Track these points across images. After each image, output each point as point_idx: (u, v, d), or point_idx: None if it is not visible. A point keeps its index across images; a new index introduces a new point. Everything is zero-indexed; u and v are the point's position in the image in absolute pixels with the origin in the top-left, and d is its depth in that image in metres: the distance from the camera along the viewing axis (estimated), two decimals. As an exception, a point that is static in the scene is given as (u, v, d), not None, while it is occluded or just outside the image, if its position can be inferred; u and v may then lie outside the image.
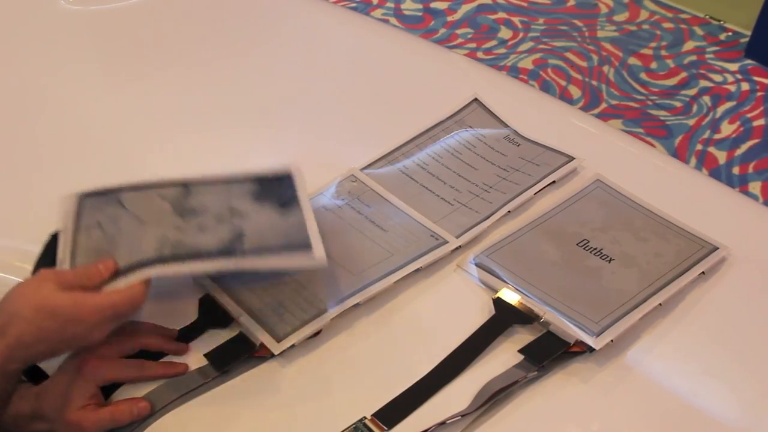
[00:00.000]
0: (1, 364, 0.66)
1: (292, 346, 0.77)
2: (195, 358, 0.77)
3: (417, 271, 0.84)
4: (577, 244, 0.87)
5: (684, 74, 2.26)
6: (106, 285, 0.71)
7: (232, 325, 0.79)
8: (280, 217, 0.79)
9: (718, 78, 2.24)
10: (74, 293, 0.68)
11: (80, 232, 0.77)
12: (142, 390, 0.74)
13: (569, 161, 0.97)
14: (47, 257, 0.76)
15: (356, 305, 0.81)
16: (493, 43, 2.37)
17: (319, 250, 0.75)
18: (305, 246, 0.75)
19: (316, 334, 0.78)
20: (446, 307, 0.83)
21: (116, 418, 0.71)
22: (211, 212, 0.79)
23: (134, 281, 0.71)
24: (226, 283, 0.82)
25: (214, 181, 0.83)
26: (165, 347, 0.77)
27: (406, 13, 2.49)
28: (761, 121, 2.09)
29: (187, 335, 0.79)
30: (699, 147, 2.02)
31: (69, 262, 0.74)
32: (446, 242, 0.87)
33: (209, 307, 0.81)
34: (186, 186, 0.82)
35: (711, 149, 2.02)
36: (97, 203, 0.80)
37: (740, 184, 1.93)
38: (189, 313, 0.81)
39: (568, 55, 2.32)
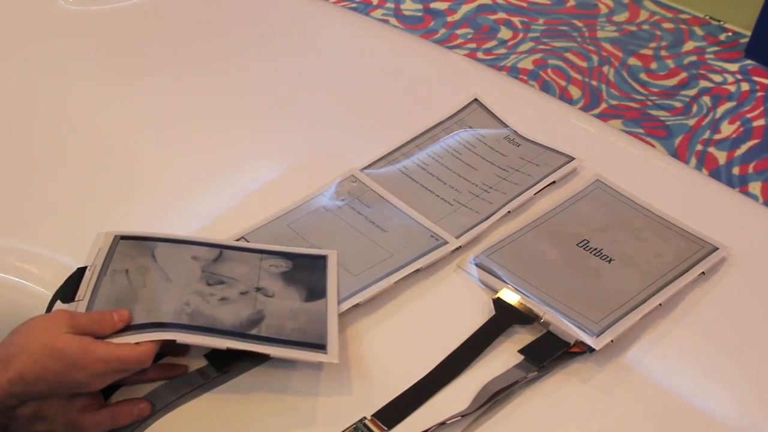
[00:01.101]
0: (0, 398, 0.65)
1: None
2: (195, 358, 0.77)
3: (417, 271, 0.84)
4: (577, 245, 0.87)
5: (684, 74, 2.26)
6: (117, 336, 0.70)
7: None
8: (303, 303, 0.79)
9: (718, 78, 2.24)
10: (84, 339, 0.67)
11: (106, 275, 0.77)
12: (143, 390, 0.74)
13: (569, 161, 0.97)
14: (68, 289, 0.76)
15: (356, 305, 0.81)
16: (493, 43, 2.37)
17: (333, 350, 0.74)
18: (320, 346, 0.74)
19: None
20: (446, 307, 0.83)
21: (116, 419, 0.71)
22: (237, 285, 0.79)
23: (144, 339, 0.70)
24: None
25: (249, 249, 0.84)
26: (164, 348, 0.77)
27: (406, 13, 2.49)
28: (761, 122, 2.09)
29: None
30: (699, 147, 2.02)
31: (88, 301, 0.74)
32: (446, 242, 0.87)
33: None
34: (220, 250, 0.83)
35: (711, 149, 2.02)
36: (130, 249, 0.81)
37: (740, 184, 1.93)
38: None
39: (568, 55, 2.32)
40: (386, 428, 0.71)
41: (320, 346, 0.74)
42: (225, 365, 0.76)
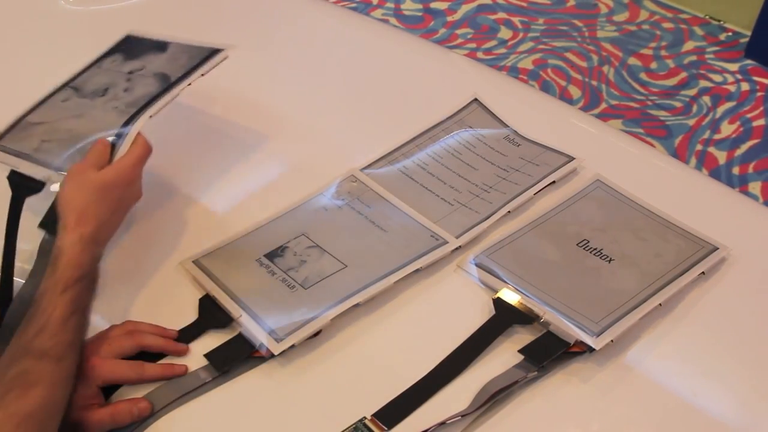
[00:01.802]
0: (92, 247, 0.75)
1: (293, 346, 0.77)
2: (195, 358, 0.77)
3: (417, 271, 0.85)
4: (577, 244, 0.87)
5: (684, 74, 2.25)
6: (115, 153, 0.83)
7: (231, 325, 0.79)
8: (169, 56, 0.90)
9: (718, 78, 2.24)
10: (109, 167, 0.81)
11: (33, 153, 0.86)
12: (143, 390, 0.74)
13: (569, 161, 0.97)
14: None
15: (356, 305, 0.81)
16: (493, 43, 2.37)
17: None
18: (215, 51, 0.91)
19: (316, 334, 0.78)
20: (446, 307, 0.83)
21: (116, 419, 0.71)
22: (117, 83, 0.92)
23: (132, 135, 0.83)
24: (226, 283, 0.82)
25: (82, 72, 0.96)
26: (165, 348, 0.77)
27: (406, 13, 2.49)
28: (761, 121, 2.09)
29: (187, 335, 0.79)
30: (699, 147, 2.02)
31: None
32: (446, 242, 0.87)
33: (209, 307, 0.81)
34: (69, 85, 0.96)
35: (711, 149, 2.02)
36: (18, 134, 0.90)
37: (740, 184, 1.93)
38: (189, 313, 0.81)
39: (568, 55, 2.32)
40: (386, 428, 0.71)
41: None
42: (225, 365, 0.76)
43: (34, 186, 0.85)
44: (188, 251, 0.87)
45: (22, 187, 0.85)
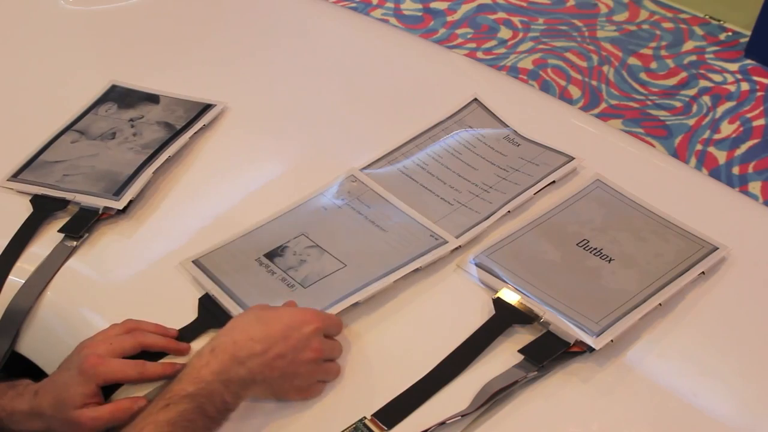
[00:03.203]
0: (226, 363, 0.69)
1: None
2: (195, 358, 0.77)
3: (417, 270, 0.85)
4: (577, 244, 0.87)
5: (684, 74, 2.25)
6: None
7: None
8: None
9: (718, 78, 2.24)
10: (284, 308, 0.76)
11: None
12: (143, 390, 0.74)
13: (569, 161, 0.97)
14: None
15: (356, 304, 0.81)
16: (493, 43, 2.37)
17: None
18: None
19: None
20: (446, 307, 0.83)
21: (116, 416, 0.71)
22: (123, 129, 1.01)
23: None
24: (226, 283, 0.82)
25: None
26: (167, 347, 0.77)
27: (406, 13, 2.49)
28: (761, 121, 2.09)
29: (188, 335, 0.79)
30: (699, 147, 2.02)
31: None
32: (446, 242, 0.87)
33: (209, 307, 0.81)
34: (73, 129, 1.03)
35: (711, 149, 2.02)
36: (37, 171, 0.95)
37: (740, 184, 1.93)
38: (189, 313, 0.81)
39: (568, 55, 2.32)
40: (386, 428, 0.71)
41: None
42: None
43: (59, 205, 0.92)
44: (188, 251, 0.87)
45: (47, 207, 0.92)
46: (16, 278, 0.86)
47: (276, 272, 0.84)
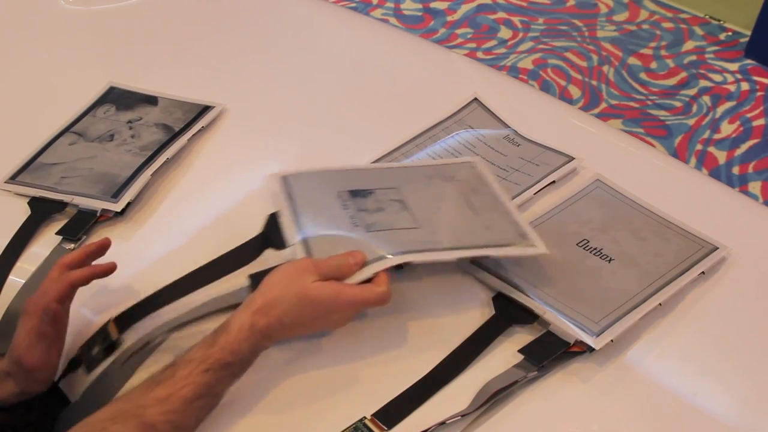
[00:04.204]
0: (259, 340, 0.71)
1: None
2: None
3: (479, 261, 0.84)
4: (577, 244, 0.87)
5: (684, 74, 2.25)
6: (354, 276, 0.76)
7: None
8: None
9: (717, 78, 2.24)
10: (333, 285, 0.74)
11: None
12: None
13: (569, 161, 0.97)
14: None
15: (405, 264, 0.80)
16: (493, 43, 2.37)
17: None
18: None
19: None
20: (446, 307, 0.83)
21: (40, 331, 0.73)
22: (121, 131, 0.97)
23: (376, 270, 0.76)
24: (297, 204, 0.84)
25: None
26: (90, 275, 0.78)
27: (406, 13, 2.49)
28: (761, 121, 2.09)
29: (249, 251, 0.84)
30: (699, 147, 2.02)
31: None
32: (534, 246, 0.83)
33: (273, 225, 0.84)
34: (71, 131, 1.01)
35: (711, 149, 2.02)
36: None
37: (740, 184, 1.93)
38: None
39: (568, 55, 2.32)
40: (386, 428, 0.71)
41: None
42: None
43: (57, 207, 0.92)
44: (187, 253, 0.88)
45: (45, 209, 0.92)
46: (16, 278, 0.86)
47: (348, 209, 0.84)
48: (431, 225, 0.83)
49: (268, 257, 0.83)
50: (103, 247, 0.81)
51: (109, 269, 0.79)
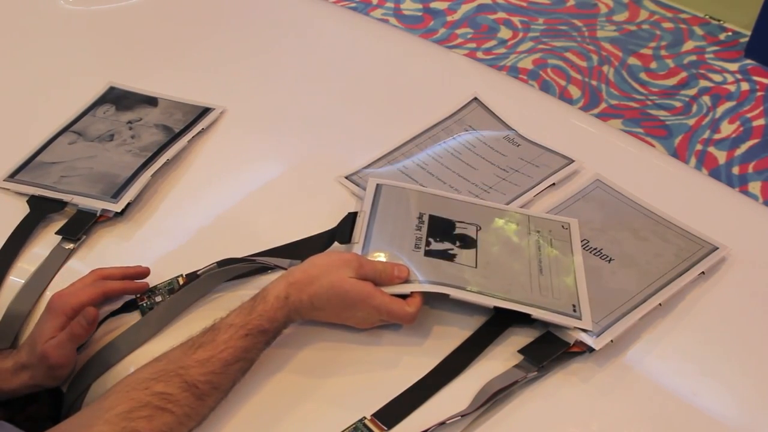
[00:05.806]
0: (291, 312, 0.75)
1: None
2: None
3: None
4: (577, 244, 0.87)
5: (684, 74, 2.25)
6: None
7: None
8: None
9: (717, 78, 2.24)
10: (367, 286, 0.76)
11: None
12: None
13: (569, 164, 0.97)
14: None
15: (446, 295, 0.79)
16: (493, 43, 2.37)
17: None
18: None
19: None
20: (446, 308, 0.83)
21: (74, 333, 0.74)
22: (121, 131, 1.00)
23: (415, 290, 0.78)
24: (377, 209, 0.87)
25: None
26: (124, 289, 0.81)
27: (406, 13, 2.49)
28: (761, 121, 2.09)
29: (323, 242, 0.85)
30: (699, 147, 2.02)
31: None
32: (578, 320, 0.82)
33: (347, 222, 0.86)
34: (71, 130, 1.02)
35: (711, 149, 2.02)
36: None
37: (740, 184, 1.93)
38: (187, 313, 0.81)
39: (568, 55, 2.32)
40: (386, 428, 0.71)
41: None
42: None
43: (56, 207, 0.92)
44: (187, 254, 0.88)
45: (45, 208, 0.92)
46: (16, 278, 0.86)
47: (420, 231, 0.85)
48: (489, 269, 0.82)
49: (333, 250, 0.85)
50: (142, 274, 0.83)
51: (140, 289, 0.81)
